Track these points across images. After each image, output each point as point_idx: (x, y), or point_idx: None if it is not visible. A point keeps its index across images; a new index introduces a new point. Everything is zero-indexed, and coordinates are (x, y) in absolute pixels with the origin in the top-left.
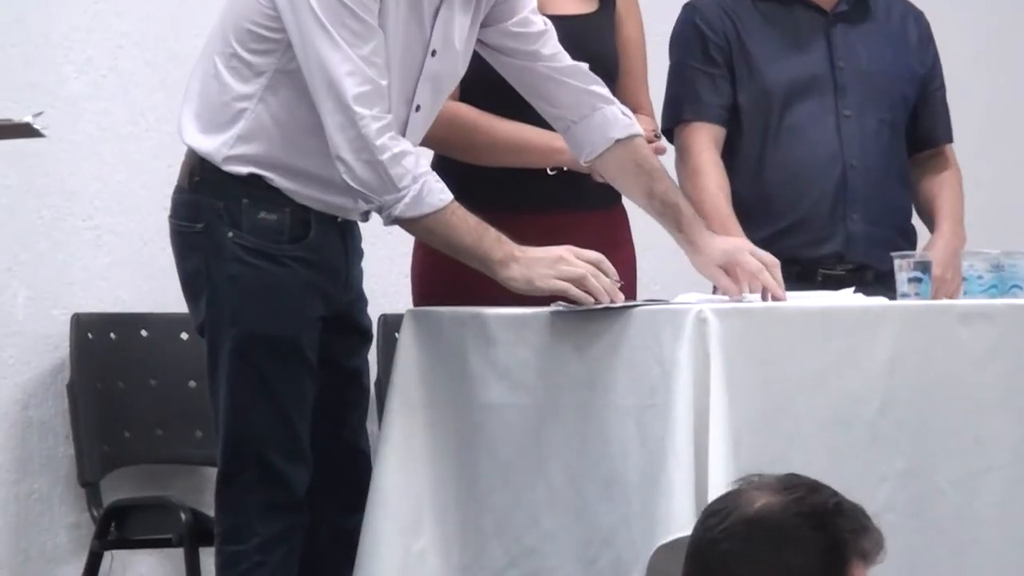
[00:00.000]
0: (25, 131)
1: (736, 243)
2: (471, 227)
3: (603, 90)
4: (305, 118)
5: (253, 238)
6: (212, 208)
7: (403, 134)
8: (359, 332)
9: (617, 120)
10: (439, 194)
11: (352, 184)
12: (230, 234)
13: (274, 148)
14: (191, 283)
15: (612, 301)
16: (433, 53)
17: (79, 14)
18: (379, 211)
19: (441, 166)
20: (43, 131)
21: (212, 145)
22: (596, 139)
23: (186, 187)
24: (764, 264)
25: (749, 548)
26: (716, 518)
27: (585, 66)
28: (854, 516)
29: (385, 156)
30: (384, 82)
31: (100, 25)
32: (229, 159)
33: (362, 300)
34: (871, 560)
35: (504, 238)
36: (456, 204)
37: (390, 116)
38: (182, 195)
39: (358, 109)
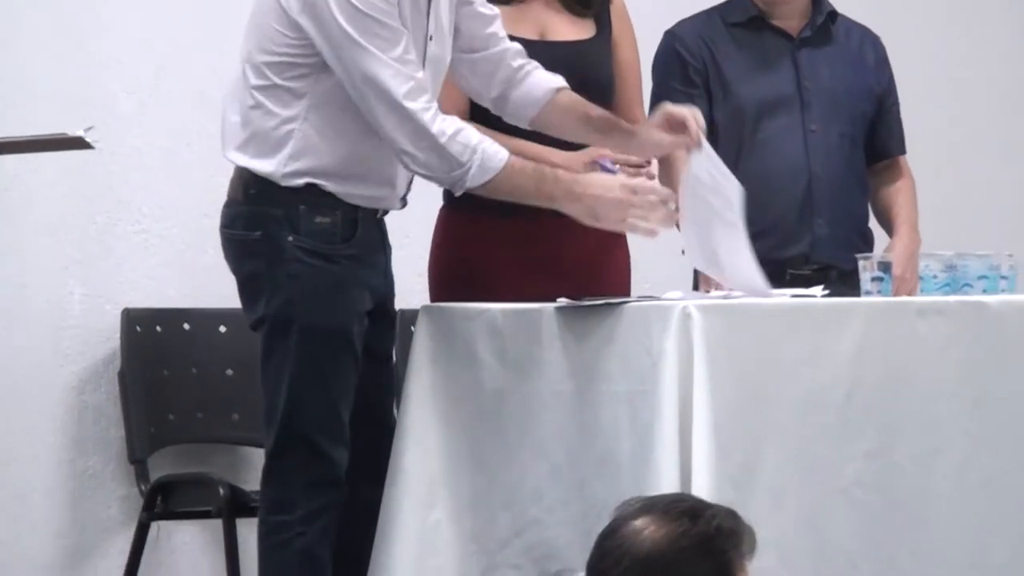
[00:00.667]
0: (77, 144)
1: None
2: (529, 175)
3: (525, 58)
4: (347, 126)
5: (311, 240)
6: (271, 216)
7: None
8: (389, 318)
9: (545, 75)
10: (497, 156)
11: (420, 172)
12: (290, 238)
13: (323, 157)
14: (249, 285)
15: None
16: (430, 38)
17: (128, 40)
18: (451, 187)
19: None
20: (93, 144)
21: (269, 167)
22: (538, 95)
23: (241, 200)
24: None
25: None
26: (610, 560)
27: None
28: (731, 530)
29: (444, 139)
30: (420, 74)
31: (146, 50)
32: (286, 175)
33: (392, 288)
34: (751, 554)
35: (558, 175)
36: (513, 158)
37: (435, 102)
38: (237, 207)
39: (409, 105)
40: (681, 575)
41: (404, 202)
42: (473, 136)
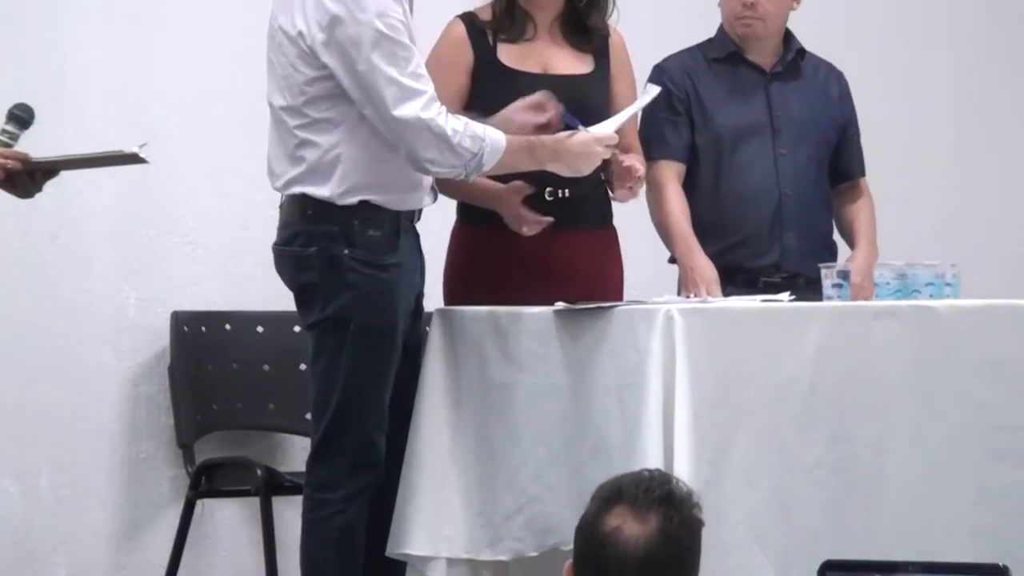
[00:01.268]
0: (133, 159)
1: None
2: (524, 148)
3: None
4: (379, 140)
5: (364, 252)
6: (327, 233)
7: None
8: (419, 313)
9: None
10: (500, 140)
11: (441, 172)
12: (346, 251)
13: (369, 172)
14: (305, 294)
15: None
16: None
17: (175, 69)
18: (466, 175)
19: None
20: (147, 159)
21: (326, 192)
22: None
23: (298, 221)
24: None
25: None
26: (614, 567)
27: None
28: (694, 499)
29: (458, 138)
30: (431, 86)
31: (191, 78)
32: (341, 195)
33: (423, 287)
34: None
35: (544, 142)
36: (510, 137)
37: (443, 106)
38: (295, 228)
39: (428, 117)
40: (685, 560)
41: (435, 194)
42: (477, 127)
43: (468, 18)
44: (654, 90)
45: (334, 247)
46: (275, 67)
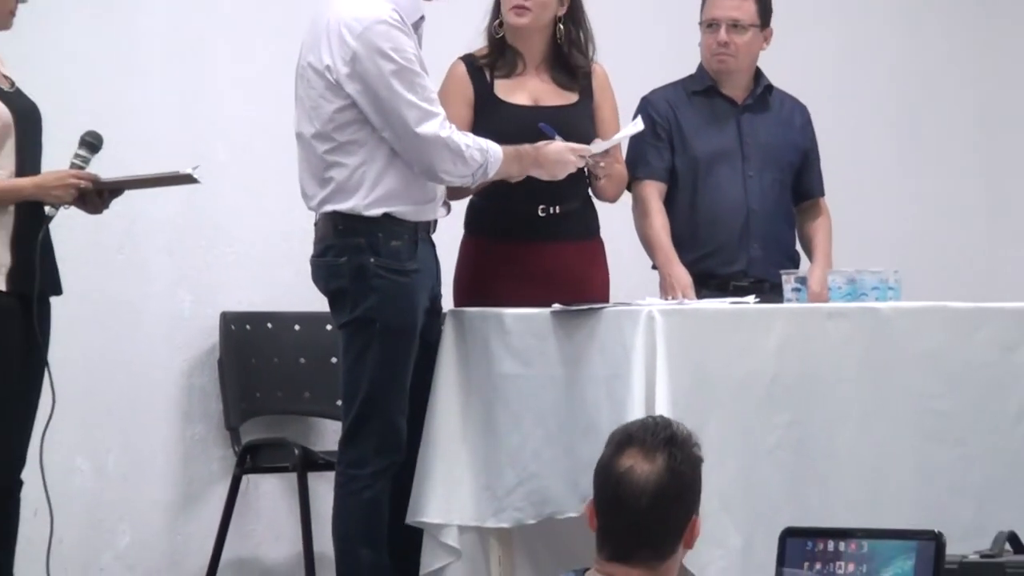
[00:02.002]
0: (187, 180)
1: None
2: (513, 156)
3: None
4: (399, 158)
5: (387, 260)
6: (355, 244)
7: None
8: (437, 312)
9: None
10: (496, 150)
11: (452, 181)
12: (371, 260)
13: (392, 187)
14: (337, 298)
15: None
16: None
17: (224, 103)
18: (471, 183)
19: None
20: (199, 180)
21: (352, 204)
22: None
23: (331, 235)
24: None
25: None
26: (631, 496)
27: None
28: (695, 439)
29: (469, 152)
30: (443, 110)
31: (237, 111)
32: (367, 206)
33: (440, 289)
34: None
35: (527, 150)
36: (503, 148)
37: (453, 125)
38: (328, 241)
39: (445, 135)
40: (688, 492)
41: (448, 208)
42: (482, 141)
43: (468, 59)
44: (638, 126)
45: (361, 257)
46: (303, 101)
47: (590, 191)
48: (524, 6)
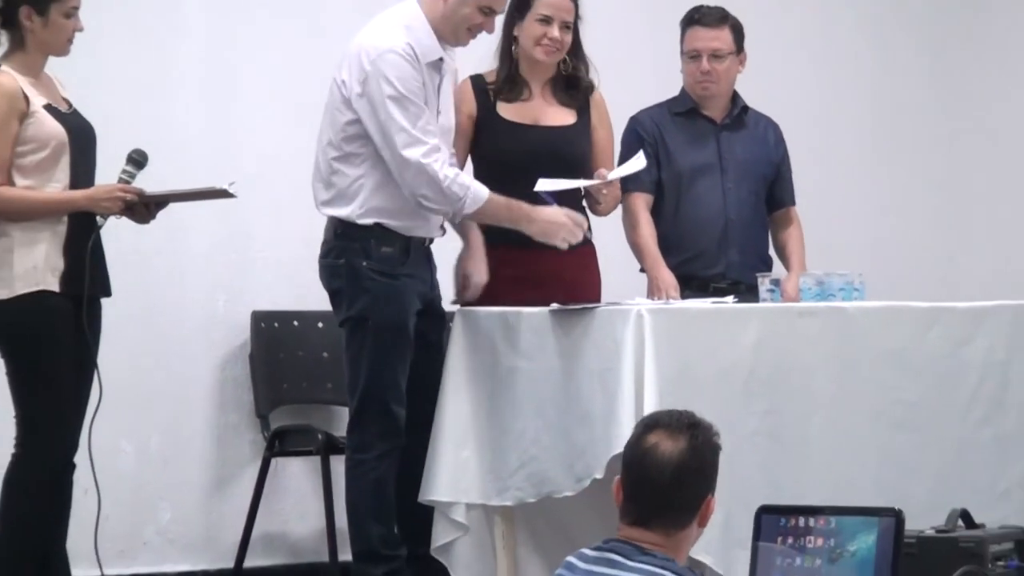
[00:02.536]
0: (223, 194)
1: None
2: (502, 205)
3: None
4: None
5: (379, 264)
6: (350, 248)
7: None
8: (440, 316)
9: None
10: (482, 193)
11: (432, 208)
12: (364, 263)
13: (385, 201)
14: (335, 297)
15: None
16: (440, 113)
17: (254, 123)
18: (452, 216)
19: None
20: (234, 194)
21: (347, 211)
22: None
23: (332, 239)
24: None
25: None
26: (655, 470)
27: None
28: (714, 427)
29: (447, 183)
30: (436, 140)
31: (267, 131)
32: (360, 215)
33: (438, 293)
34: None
35: (521, 205)
36: (492, 194)
37: (445, 156)
38: (330, 244)
39: (427, 162)
40: (706, 470)
41: (443, 230)
42: (467, 179)
43: (476, 78)
44: (640, 162)
45: (355, 259)
46: (328, 110)
47: (584, 203)
48: (558, 48)
